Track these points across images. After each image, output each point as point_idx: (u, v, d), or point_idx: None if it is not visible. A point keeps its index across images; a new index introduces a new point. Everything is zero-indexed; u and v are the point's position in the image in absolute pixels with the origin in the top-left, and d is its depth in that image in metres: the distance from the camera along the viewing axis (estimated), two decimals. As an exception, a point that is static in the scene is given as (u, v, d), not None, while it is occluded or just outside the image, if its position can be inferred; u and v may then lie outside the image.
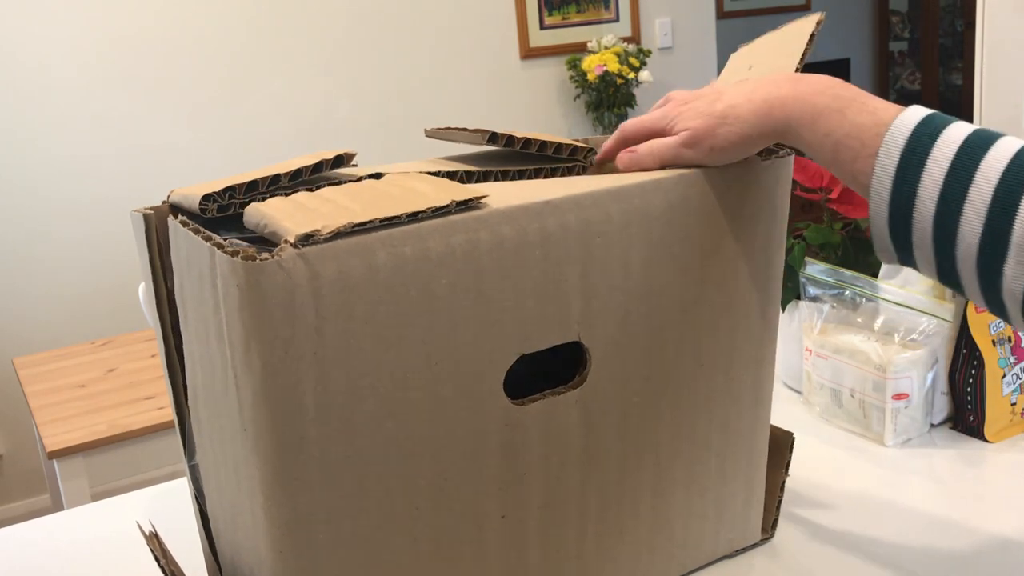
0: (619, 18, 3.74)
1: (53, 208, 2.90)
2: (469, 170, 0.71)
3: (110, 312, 3.01)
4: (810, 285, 1.03)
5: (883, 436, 0.95)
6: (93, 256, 2.97)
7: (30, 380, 2.07)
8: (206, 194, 0.59)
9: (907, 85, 5.80)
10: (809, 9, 5.44)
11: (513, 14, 3.52)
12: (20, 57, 2.79)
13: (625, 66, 3.47)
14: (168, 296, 0.65)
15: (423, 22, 3.37)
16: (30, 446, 2.96)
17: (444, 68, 3.43)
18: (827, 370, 1.00)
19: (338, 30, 3.23)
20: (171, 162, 3.05)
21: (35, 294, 2.91)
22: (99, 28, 2.88)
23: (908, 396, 0.94)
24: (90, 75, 2.89)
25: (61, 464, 1.76)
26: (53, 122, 2.86)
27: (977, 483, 0.87)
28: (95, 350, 2.26)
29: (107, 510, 0.98)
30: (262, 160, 3.18)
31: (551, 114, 3.67)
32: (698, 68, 3.95)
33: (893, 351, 0.93)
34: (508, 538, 0.63)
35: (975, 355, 0.95)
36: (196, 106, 3.06)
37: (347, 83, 3.28)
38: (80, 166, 2.92)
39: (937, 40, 5.53)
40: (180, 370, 0.66)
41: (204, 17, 3.02)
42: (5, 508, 2.98)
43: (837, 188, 1.04)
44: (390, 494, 0.57)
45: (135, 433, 1.78)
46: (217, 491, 0.64)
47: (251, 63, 3.11)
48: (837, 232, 1.05)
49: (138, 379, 2.02)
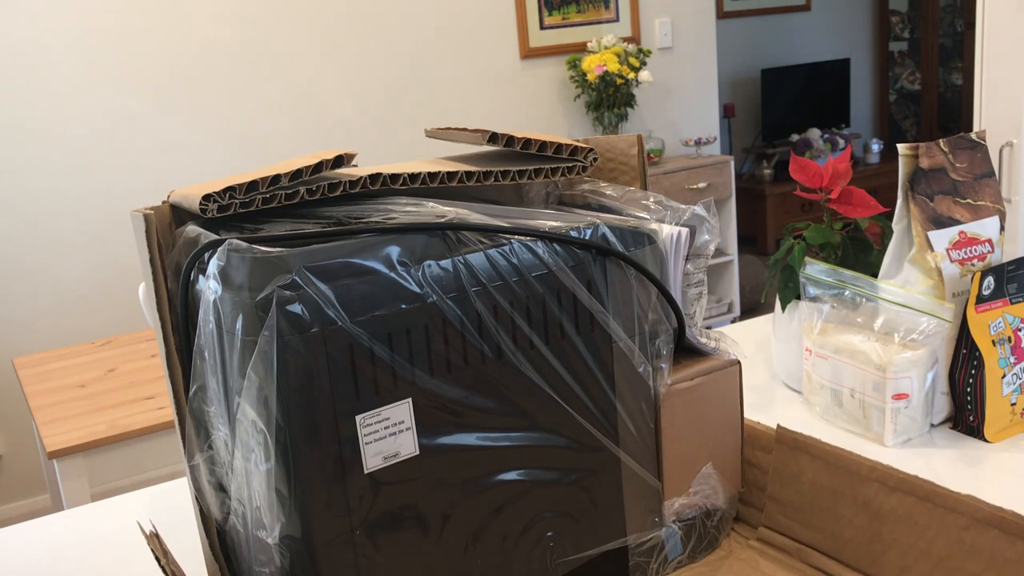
0: (619, 18, 3.74)
1: (53, 208, 2.90)
2: (470, 170, 0.71)
3: (110, 312, 3.01)
4: (810, 285, 1.03)
5: (883, 436, 0.95)
6: (93, 256, 2.97)
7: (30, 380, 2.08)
8: (206, 194, 0.59)
9: (907, 85, 5.80)
10: (809, 10, 5.44)
11: (513, 14, 3.52)
12: (20, 57, 2.79)
13: (625, 66, 3.47)
14: (168, 296, 0.65)
15: (423, 22, 3.37)
16: (30, 446, 2.96)
17: (444, 68, 3.44)
18: (827, 370, 1.00)
19: (338, 30, 3.23)
20: (171, 162, 3.05)
21: (35, 294, 2.91)
22: (99, 28, 2.88)
23: (908, 396, 0.94)
24: (90, 75, 2.89)
25: (61, 464, 1.76)
26: (53, 122, 2.86)
27: (977, 483, 0.87)
28: (95, 350, 2.26)
29: (107, 510, 0.98)
30: (262, 160, 3.18)
31: (551, 114, 3.67)
32: (698, 68, 3.95)
33: (893, 351, 0.93)
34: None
35: (975, 355, 0.95)
36: (196, 106, 3.06)
37: (347, 83, 3.28)
38: (80, 166, 2.92)
39: (937, 40, 5.53)
40: (181, 370, 0.66)
41: (204, 17, 3.02)
42: (5, 508, 2.98)
43: (837, 188, 1.04)
44: None
45: (135, 433, 1.78)
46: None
47: (251, 63, 3.11)
48: (837, 232, 1.05)
49: (138, 379, 2.02)
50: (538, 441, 0.67)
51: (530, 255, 0.64)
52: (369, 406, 0.58)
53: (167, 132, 3.03)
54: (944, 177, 0.98)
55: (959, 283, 0.96)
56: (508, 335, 0.64)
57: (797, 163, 1.06)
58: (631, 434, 0.72)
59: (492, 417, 0.64)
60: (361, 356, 0.57)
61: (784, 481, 0.80)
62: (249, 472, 0.59)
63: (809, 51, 5.49)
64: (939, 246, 0.96)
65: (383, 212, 0.66)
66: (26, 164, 2.84)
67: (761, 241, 5.15)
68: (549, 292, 0.65)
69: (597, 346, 0.68)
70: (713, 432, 0.78)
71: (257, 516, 0.60)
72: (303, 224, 0.64)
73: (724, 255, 3.93)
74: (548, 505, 0.69)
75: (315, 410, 0.56)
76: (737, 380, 0.79)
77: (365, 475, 0.59)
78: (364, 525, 0.59)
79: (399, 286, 0.59)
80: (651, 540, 0.75)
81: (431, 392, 0.61)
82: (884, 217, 1.08)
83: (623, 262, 0.68)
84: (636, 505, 0.74)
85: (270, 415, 0.56)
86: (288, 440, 0.56)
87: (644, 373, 0.72)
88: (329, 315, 0.56)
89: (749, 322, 1.35)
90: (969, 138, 1.00)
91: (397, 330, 0.59)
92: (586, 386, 0.68)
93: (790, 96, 5.24)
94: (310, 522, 0.57)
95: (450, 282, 0.61)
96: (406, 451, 0.60)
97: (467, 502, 0.65)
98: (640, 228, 0.70)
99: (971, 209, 0.98)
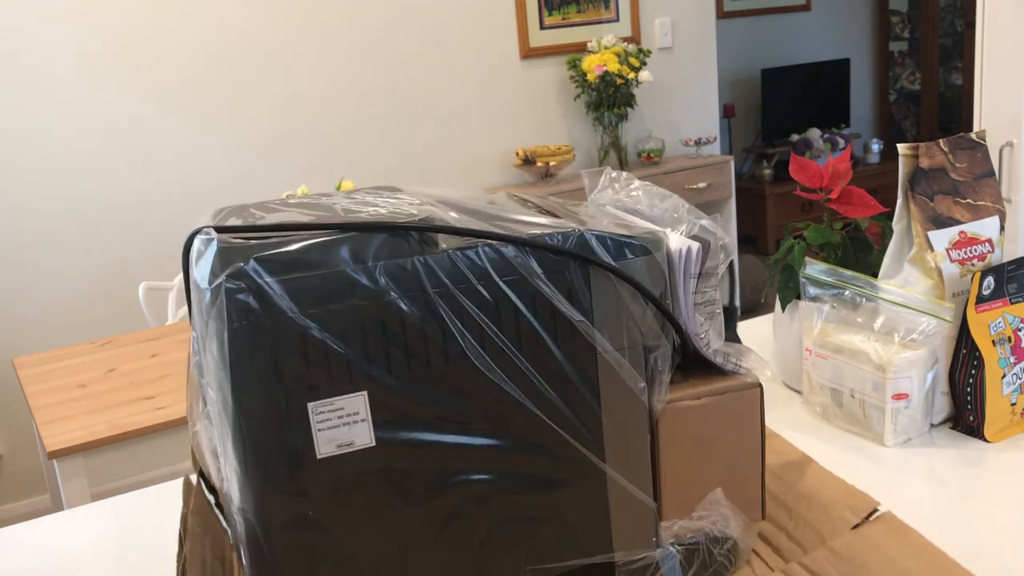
0: (619, 18, 3.74)
1: (53, 208, 2.90)
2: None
3: (110, 312, 3.01)
4: (810, 285, 1.03)
5: (883, 436, 0.95)
6: (93, 256, 2.97)
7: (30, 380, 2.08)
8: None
9: (907, 85, 5.80)
10: (809, 10, 5.44)
11: (513, 14, 3.52)
12: (21, 57, 2.79)
13: (625, 66, 3.47)
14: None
15: (423, 22, 3.37)
16: (30, 446, 2.97)
17: (444, 68, 3.44)
18: (827, 370, 1.00)
19: (338, 30, 3.23)
20: (171, 162, 3.05)
21: (35, 294, 2.91)
22: (99, 29, 2.88)
23: (908, 396, 0.94)
24: (91, 75, 2.89)
25: (61, 464, 1.76)
26: (53, 122, 2.86)
27: (977, 483, 0.87)
28: (95, 350, 2.26)
29: (107, 510, 0.98)
30: (262, 160, 3.18)
31: (551, 114, 3.68)
32: (698, 68, 3.95)
33: (893, 351, 0.93)
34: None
35: (975, 355, 0.95)
36: (197, 106, 3.06)
37: (347, 83, 3.28)
38: (80, 166, 2.92)
39: (937, 40, 5.53)
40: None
41: (205, 17, 3.02)
42: (5, 508, 2.98)
43: (837, 188, 1.04)
44: None
45: (135, 433, 1.78)
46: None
47: (251, 63, 3.11)
48: (837, 232, 1.05)
49: (138, 379, 2.02)
50: (509, 446, 0.66)
51: (499, 259, 0.63)
52: (322, 395, 0.60)
53: (168, 132, 3.03)
54: (944, 177, 0.98)
55: (959, 283, 0.96)
56: (475, 338, 0.63)
57: (797, 163, 1.06)
58: (620, 449, 0.70)
59: (456, 418, 0.64)
60: (313, 347, 0.60)
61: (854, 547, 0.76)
62: (223, 440, 0.63)
63: (809, 51, 5.49)
64: (939, 246, 0.96)
65: (370, 205, 0.67)
66: (26, 164, 2.84)
67: (761, 241, 5.15)
68: (522, 298, 0.64)
69: (579, 356, 0.66)
70: (725, 457, 0.73)
71: (231, 482, 0.63)
72: (307, 213, 0.66)
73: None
74: (521, 510, 0.68)
75: (265, 394, 0.59)
76: (756, 404, 0.72)
77: (318, 460, 0.61)
78: (319, 508, 0.62)
79: (355, 282, 0.60)
80: (643, 560, 0.73)
81: (390, 387, 0.62)
82: (884, 217, 1.08)
83: (610, 271, 0.66)
84: (626, 522, 0.72)
85: (224, 395, 0.60)
86: (240, 420, 0.60)
87: (636, 388, 0.69)
88: (280, 306, 0.58)
89: (749, 322, 1.35)
90: (969, 138, 1.00)
91: (352, 325, 0.60)
92: (566, 396, 0.67)
93: (790, 96, 5.24)
94: (262, 498, 0.61)
95: (409, 282, 0.61)
96: (361, 441, 0.62)
97: (429, 498, 0.65)
98: (636, 238, 0.67)
99: (971, 209, 0.98)
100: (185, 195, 3.08)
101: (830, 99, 5.38)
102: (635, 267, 0.67)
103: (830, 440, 0.98)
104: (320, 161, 3.28)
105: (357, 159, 3.34)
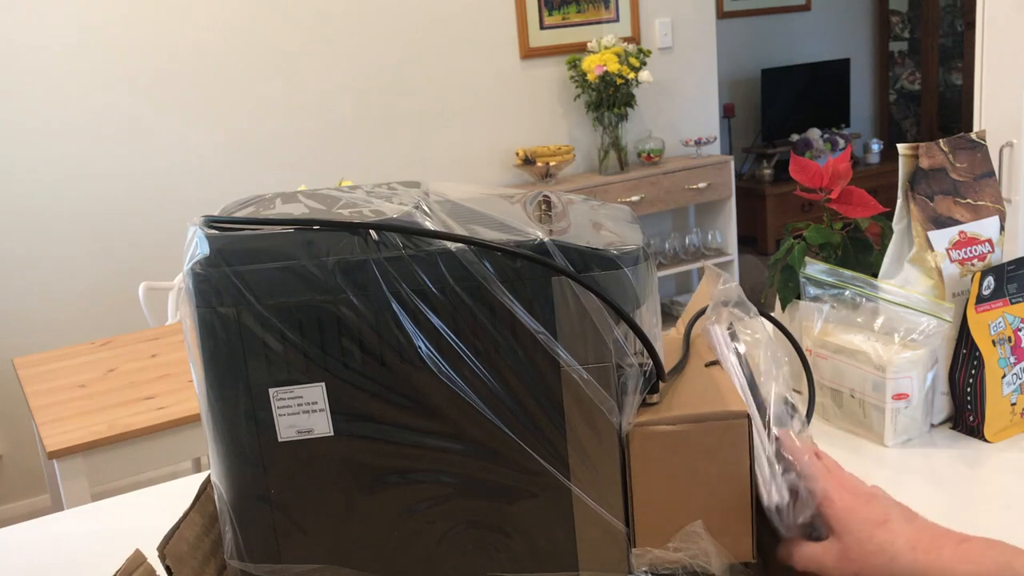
0: (619, 18, 3.74)
1: (53, 208, 2.90)
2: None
3: (110, 312, 3.01)
4: (810, 285, 1.03)
5: (883, 436, 0.95)
6: (93, 256, 2.97)
7: (30, 380, 2.07)
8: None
9: (907, 85, 5.80)
10: (809, 10, 5.44)
11: (513, 14, 3.52)
12: (21, 57, 2.79)
13: (625, 66, 3.47)
14: None
15: (423, 22, 3.36)
16: (30, 446, 2.96)
17: (444, 68, 3.43)
18: (827, 370, 1.00)
19: (338, 30, 3.23)
20: (171, 162, 3.05)
21: (35, 294, 2.91)
22: (99, 29, 2.88)
23: (908, 396, 0.94)
24: (90, 75, 2.89)
25: (61, 464, 1.76)
26: (53, 122, 2.86)
27: (977, 483, 0.87)
28: (95, 350, 2.26)
29: (107, 510, 0.98)
30: (262, 160, 3.18)
31: (551, 114, 3.68)
32: (698, 68, 3.95)
33: (893, 351, 0.93)
34: None
35: (975, 355, 0.95)
36: (196, 106, 3.06)
37: (347, 83, 3.28)
38: (80, 166, 2.92)
39: (937, 40, 5.53)
40: None
41: (205, 17, 3.02)
42: (5, 508, 2.98)
43: (837, 188, 1.04)
44: None
45: (135, 433, 1.78)
46: None
47: (251, 63, 3.11)
48: (837, 232, 1.05)
49: (138, 379, 2.02)
50: (468, 451, 0.66)
51: (454, 262, 0.63)
52: (283, 382, 0.64)
53: (167, 132, 3.03)
54: (944, 177, 0.98)
55: (959, 283, 0.96)
56: (430, 341, 0.64)
57: (797, 163, 1.06)
58: (586, 467, 0.67)
59: (411, 417, 0.65)
60: (273, 336, 0.63)
61: None
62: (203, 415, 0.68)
63: (809, 51, 5.48)
64: (939, 246, 0.96)
65: (381, 198, 0.69)
66: (26, 164, 2.84)
67: (761, 241, 5.15)
68: (480, 304, 0.63)
69: (540, 368, 0.65)
70: (707, 488, 0.69)
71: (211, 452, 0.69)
72: (309, 206, 0.69)
73: (724, 255, 3.93)
74: (482, 516, 0.68)
75: (229, 377, 0.64)
76: (743, 436, 0.67)
77: (280, 443, 0.65)
78: (280, 487, 0.66)
79: (313, 278, 0.63)
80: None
81: (348, 382, 0.64)
82: (884, 217, 1.08)
83: (575, 283, 0.64)
84: (592, 542, 0.69)
85: (196, 373, 0.66)
86: (209, 396, 0.65)
87: (604, 406, 0.66)
88: (244, 295, 0.62)
89: (749, 322, 1.35)
90: (969, 138, 1.00)
91: (309, 319, 0.63)
92: (527, 408, 0.65)
93: (790, 96, 5.24)
94: (230, 471, 0.66)
95: (365, 281, 0.63)
96: (320, 430, 0.65)
97: (387, 491, 0.67)
98: (603, 251, 0.64)
99: (971, 209, 0.98)
100: (185, 195, 3.08)
101: (830, 99, 5.38)
102: (602, 280, 0.64)
103: (830, 440, 0.98)
104: (320, 160, 3.28)
105: (357, 159, 3.34)
